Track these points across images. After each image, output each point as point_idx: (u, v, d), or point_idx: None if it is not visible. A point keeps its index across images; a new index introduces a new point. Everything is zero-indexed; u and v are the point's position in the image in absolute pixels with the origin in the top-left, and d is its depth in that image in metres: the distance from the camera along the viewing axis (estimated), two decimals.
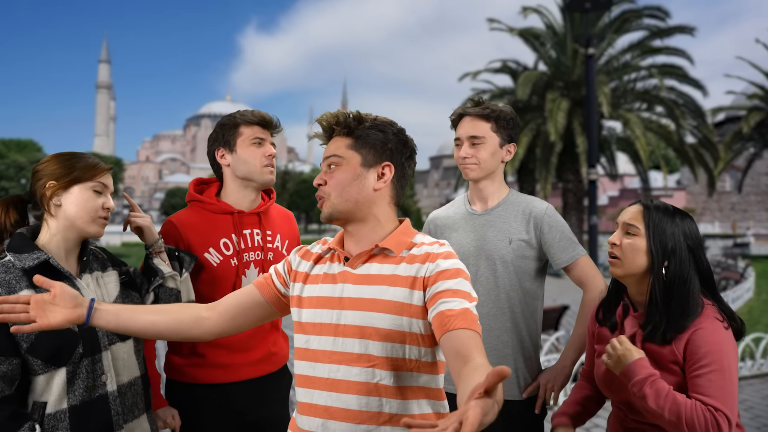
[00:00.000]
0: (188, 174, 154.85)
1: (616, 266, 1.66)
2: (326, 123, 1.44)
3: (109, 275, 1.73)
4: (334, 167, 1.41)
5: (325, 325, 1.38)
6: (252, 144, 2.05)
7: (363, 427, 1.32)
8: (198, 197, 2.09)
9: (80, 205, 1.62)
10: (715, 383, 1.47)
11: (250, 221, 2.09)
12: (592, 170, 7.40)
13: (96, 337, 1.59)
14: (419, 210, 63.73)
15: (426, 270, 1.35)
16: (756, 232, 40.59)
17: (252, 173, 2.06)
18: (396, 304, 1.34)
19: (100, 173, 1.66)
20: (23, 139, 74.01)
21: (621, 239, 1.65)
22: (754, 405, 5.27)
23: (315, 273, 1.47)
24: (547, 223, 2.06)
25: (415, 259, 1.38)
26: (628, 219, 1.65)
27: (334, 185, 1.40)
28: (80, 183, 1.63)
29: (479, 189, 2.17)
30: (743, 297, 11.62)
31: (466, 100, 2.38)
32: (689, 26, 20.99)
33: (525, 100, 20.32)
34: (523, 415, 2.04)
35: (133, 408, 1.67)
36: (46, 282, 1.34)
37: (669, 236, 1.58)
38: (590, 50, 7.38)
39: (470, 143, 2.09)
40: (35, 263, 1.54)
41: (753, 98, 26.01)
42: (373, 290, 1.36)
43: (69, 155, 1.67)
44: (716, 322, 1.55)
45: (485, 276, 2.07)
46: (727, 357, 1.50)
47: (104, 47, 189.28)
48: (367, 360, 1.33)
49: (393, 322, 1.33)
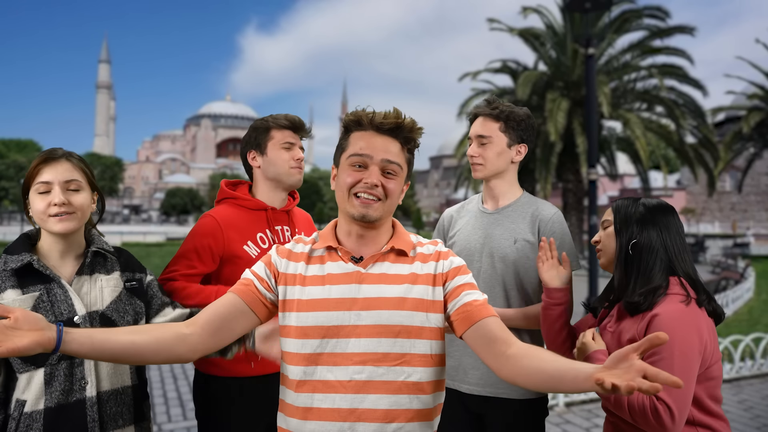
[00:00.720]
0: (188, 174, 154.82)
1: (600, 256, 1.80)
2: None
3: (111, 279, 1.71)
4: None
5: (342, 327, 1.35)
6: (282, 148, 2.16)
7: (393, 425, 1.34)
8: (232, 194, 2.19)
9: (35, 212, 1.63)
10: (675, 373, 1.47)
11: (281, 218, 2.21)
12: (592, 170, 7.39)
13: None
14: (419, 210, 63.76)
15: (442, 267, 1.45)
16: (756, 232, 40.61)
17: (280, 175, 2.17)
18: (421, 301, 1.39)
19: (37, 174, 1.63)
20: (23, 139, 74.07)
21: (600, 236, 1.81)
22: (754, 405, 5.27)
23: (313, 274, 1.42)
24: (550, 229, 2.09)
25: (428, 258, 1.46)
26: (603, 217, 1.82)
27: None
28: (30, 191, 1.64)
29: (490, 188, 2.20)
30: (743, 297, 11.61)
31: (483, 100, 2.40)
32: (689, 26, 21.00)
33: (525, 100, 20.30)
34: (525, 413, 2.05)
35: (116, 417, 1.63)
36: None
37: (631, 215, 1.70)
38: (590, 50, 7.38)
39: (478, 142, 2.14)
40: (19, 265, 1.57)
41: (753, 98, 26.01)
42: (397, 289, 1.39)
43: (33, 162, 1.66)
44: (677, 305, 1.56)
45: (487, 273, 2.10)
46: (681, 344, 1.50)
47: (104, 47, 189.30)
48: (395, 358, 1.35)
49: (418, 318, 1.38)
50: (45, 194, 1.61)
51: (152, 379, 6.05)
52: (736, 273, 14.30)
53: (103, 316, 1.64)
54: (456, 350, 2.12)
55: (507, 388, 2.04)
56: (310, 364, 1.36)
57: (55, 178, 1.61)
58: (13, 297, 1.53)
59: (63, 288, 1.60)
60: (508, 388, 2.04)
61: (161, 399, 5.35)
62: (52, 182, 1.61)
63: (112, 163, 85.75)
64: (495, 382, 2.05)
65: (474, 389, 2.06)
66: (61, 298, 1.59)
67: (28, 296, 1.54)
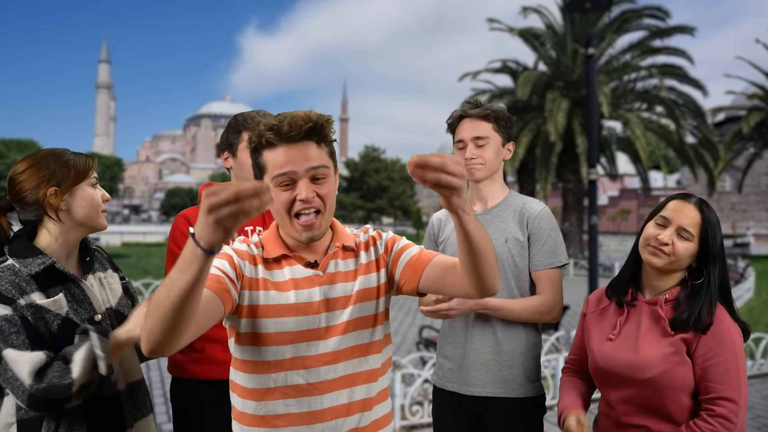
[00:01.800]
0: (188, 174, 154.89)
1: (661, 259, 1.66)
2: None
3: (112, 276, 1.74)
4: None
5: (312, 331, 1.35)
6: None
7: (369, 413, 1.42)
8: None
9: (87, 204, 1.61)
10: (731, 372, 1.54)
11: (253, 219, 2.11)
12: (592, 170, 7.39)
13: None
14: (419, 210, 63.80)
15: (379, 248, 1.49)
16: (756, 232, 40.61)
17: (248, 179, 2.10)
18: (374, 289, 1.45)
19: (92, 167, 1.65)
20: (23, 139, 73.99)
21: (673, 240, 1.65)
22: (754, 405, 5.28)
23: (277, 279, 1.37)
24: (537, 225, 2.09)
25: (367, 246, 1.49)
26: (687, 225, 1.64)
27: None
28: (81, 182, 1.61)
29: (479, 189, 2.18)
30: (743, 297, 11.62)
31: (463, 102, 2.40)
32: (689, 26, 21.04)
33: (525, 100, 20.33)
34: (523, 412, 2.05)
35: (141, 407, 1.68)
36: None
37: (718, 249, 1.65)
38: (590, 50, 7.37)
39: (475, 144, 2.11)
40: (41, 268, 1.52)
41: (753, 98, 26.04)
42: (355, 284, 1.42)
43: (52, 157, 1.60)
44: (732, 321, 1.62)
45: None
46: (739, 349, 1.58)
47: (104, 47, 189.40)
48: (363, 350, 1.41)
49: (375, 306, 1.44)
50: (95, 189, 1.64)
51: (152, 379, 6.05)
52: (736, 273, 14.31)
53: (117, 312, 1.67)
54: (455, 353, 2.12)
55: (506, 388, 2.04)
56: (279, 371, 1.34)
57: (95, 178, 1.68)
58: (42, 300, 1.49)
59: (81, 287, 1.59)
60: (508, 387, 2.05)
61: (161, 399, 5.35)
62: (98, 181, 1.68)
63: (112, 163, 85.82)
64: (494, 382, 2.05)
65: (474, 390, 2.06)
66: (81, 297, 1.58)
67: (59, 298, 1.52)
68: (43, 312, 1.48)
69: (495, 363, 2.05)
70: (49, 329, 1.48)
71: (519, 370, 2.06)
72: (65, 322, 1.50)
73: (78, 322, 1.52)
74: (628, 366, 1.64)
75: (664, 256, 1.65)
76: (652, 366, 1.60)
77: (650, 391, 1.61)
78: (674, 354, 1.59)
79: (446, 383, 2.14)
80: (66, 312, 1.52)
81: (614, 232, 57.19)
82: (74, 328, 1.51)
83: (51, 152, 1.62)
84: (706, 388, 1.56)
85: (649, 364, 1.60)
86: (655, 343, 1.63)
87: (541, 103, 20.22)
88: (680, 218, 1.64)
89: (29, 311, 1.46)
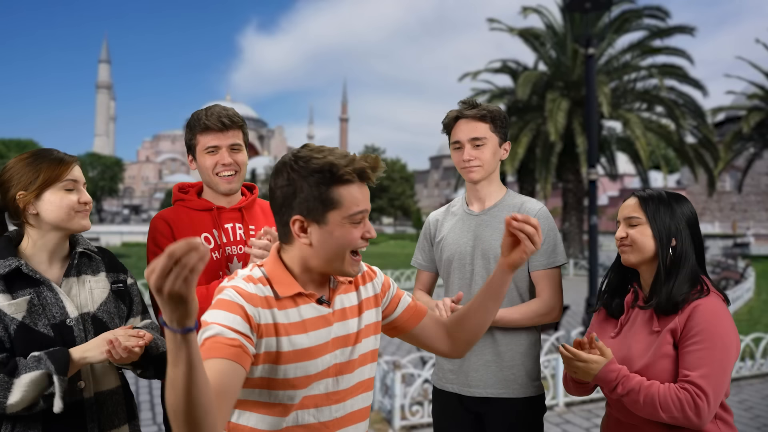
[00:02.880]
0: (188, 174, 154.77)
1: (628, 253, 1.73)
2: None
3: (98, 280, 1.70)
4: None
5: (326, 370, 1.34)
6: (206, 153, 2.02)
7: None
8: (181, 196, 2.12)
9: (56, 209, 1.60)
10: (704, 360, 1.52)
11: (231, 216, 2.10)
12: (592, 170, 7.39)
13: (74, 343, 1.57)
14: (419, 210, 63.83)
15: (375, 288, 1.49)
16: (756, 232, 40.60)
17: (209, 184, 2.08)
18: (374, 325, 1.46)
19: (66, 170, 1.61)
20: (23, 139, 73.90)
21: (627, 231, 1.73)
22: (754, 405, 5.27)
23: (293, 321, 1.30)
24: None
25: (363, 280, 1.48)
26: (629, 212, 1.74)
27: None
28: (50, 187, 1.59)
29: (477, 190, 2.18)
30: (743, 297, 11.62)
31: (458, 103, 2.39)
32: (689, 26, 21.01)
33: (525, 100, 20.33)
34: (524, 412, 2.05)
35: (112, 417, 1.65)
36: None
37: (670, 218, 1.68)
38: (590, 50, 7.37)
39: (472, 145, 2.10)
40: (6, 270, 1.54)
41: (753, 98, 26.01)
42: (359, 320, 1.42)
43: (32, 158, 1.62)
44: (718, 301, 1.62)
45: (481, 275, 2.09)
46: (722, 337, 1.55)
47: (104, 47, 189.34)
48: (362, 387, 1.42)
49: (374, 342, 1.46)
50: (71, 192, 1.63)
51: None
52: (736, 273, 14.31)
53: (95, 317, 1.64)
54: None
55: (506, 388, 2.05)
56: (291, 411, 1.30)
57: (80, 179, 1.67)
58: (3, 302, 1.51)
59: (53, 290, 1.58)
60: (508, 388, 2.05)
61: (162, 399, 5.34)
62: (78, 182, 1.66)
63: (112, 163, 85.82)
64: (495, 383, 2.05)
65: (475, 391, 2.07)
66: (52, 300, 1.57)
67: (20, 300, 1.52)
68: (1, 315, 1.50)
69: (496, 363, 2.05)
70: (7, 332, 1.49)
71: (520, 370, 2.06)
72: (21, 327, 1.50)
73: (34, 328, 1.51)
74: (620, 360, 1.66)
75: (628, 250, 1.73)
76: (636, 358, 1.63)
77: None
78: (658, 346, 1.60)
79: (446, 384, 2.14)
80: (23, 317, 1.51)
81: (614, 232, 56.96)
82: (31, 333, 1.50)
83: (29, 155, 1.64)
84: (680, 374, 1.56)
85: (635, 357, 1.63)
86: (644, 337, 1.66)
87: (541, 103, 20.21)
88: (623, 211, 1.76)
89: None
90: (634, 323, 1.72)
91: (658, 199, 1.71)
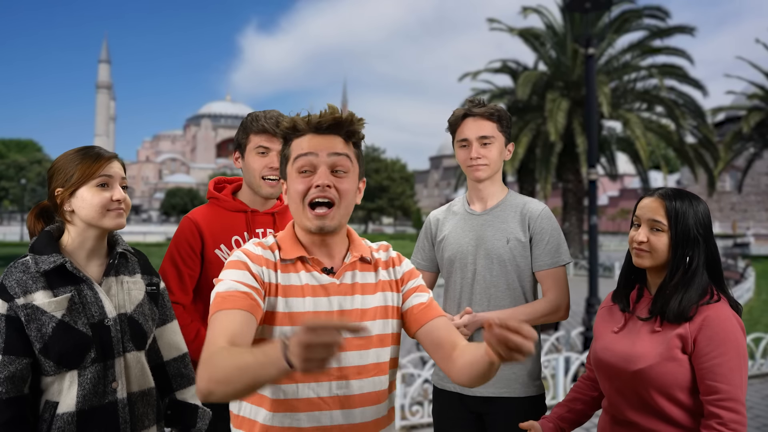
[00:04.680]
0: (188, 174, 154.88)
1: (644, 258, 1.68)
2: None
3: (135, 281, 1.69)
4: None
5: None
6: (256, 153, 2.05)
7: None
8: (215, 194, 2.13)
9: (88, 206, 1.58)
10: (735, 371, 1.53)
11: (263, 221, 2.12)
12: (592, 170, 7.38)
13: (110, 343, 1.56)
14: (419, 210, 63.84)
15: (398, 272, 1.48)
16: (756, 232, 40.63)
17: (253, 184, 2.10)
18: (390, 308, 1.42)
19: (100, 167, 1.59)
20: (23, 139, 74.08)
21: (648, 236, 1.66)
22: (754, 405, 5.28)
23: (293, 284, 1.33)
24: (539, 225, 2.09)
25: (386, 264, 1.47)
26: (653, 215, 1.66)
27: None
28: (84, 184, 1.58)
29: (479, 190, 2.17)
30: (743, 297, 11.62)
31: (465, 101, 2.40)
32: (689, 26, 21.04)
33: (525, 100, 20.33)
34: (524, 412, 2.05)
35: (143, 418, 1.64)
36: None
37: (690, 228, 1.63)
38: (590, 50, 7.37)
39: (480, 143, 2.10)
40: (51, 267, 1.52)
41: (753, 98, 26.04)
42: (373, 299, 1.39)
43: (74, 154, 1.61)
44: (728, 307, 1.60)
45: (482, 275, 2.09)
46: (737, 345, 1.55)
47: (104, 47, 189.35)
48: (374, 369, 1.36)
49: (389, 326, 1.41)
50: (104, 189, 1.59)
51: None
52: (736, 273, 14.31)
53: (131, 318, 1.63)
54: None
55: (507, 388, 2.05)
56: (290, 382, 1.29)
57: (116, 175, 1.61)
58: (45, 299, 1.50)
59: (93, 290, 1.57)
60: (509, 387, 2.05)
61: None
62: (113, 178, 1.61)
63: None
64: (495, 382, 2.05)
65: (476, 391, 2.06)
66: (92, 300, 1.56)
67: (62, 298, 1.52)
68: (39, 313, 1.49)
69: None
70: (44, 330, 1.49)
71: (521, 370, 2.07)
72: (60, 325, 1.50)
73: (74, 326, 1.51)
74: (622, 357, 1.65)
75: (645, 255, 1.67)
76: (641, 358, 1.61)
77: (639, 384, 1.61)
78: (666, 349, 1.58)
79: (447, 383, 2.14)
80: (62, 315, 1.51)
81: (614, 232, 57.16)
82: (70, 331, 1.50)
83: (75, 151, 1.63)
84: (708, 388, 1.54)
85: (640, 356, 1.61)
86: (651, 337, 1.63)
87: (541, 103, 20.22)
88: (647, 213, 1.67)
89: (24, 311, 1.48)
90: (637, 321, 1.71)
91: (683, 202, 1.64)
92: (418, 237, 2.35)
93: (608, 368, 1.70)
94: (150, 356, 1.72)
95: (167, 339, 1.76)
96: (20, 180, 56.37)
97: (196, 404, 1.75)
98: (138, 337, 1.63)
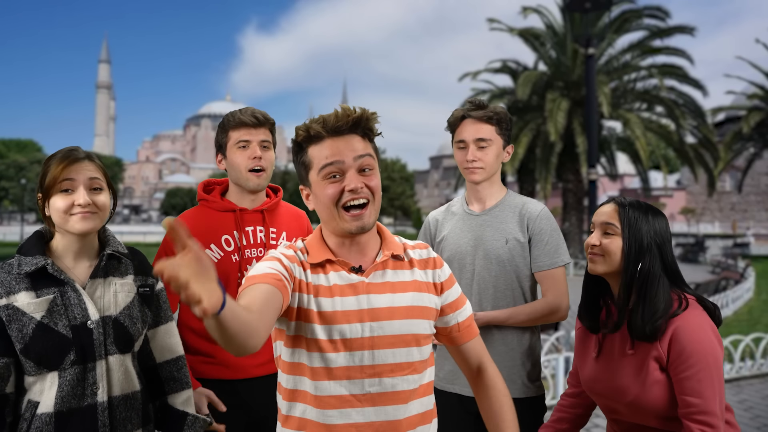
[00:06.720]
0: (188, 174, 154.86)
1: (597, 263, 1.65)
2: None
3: (124, 283, 1.67)
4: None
5: (356, 340, 1.32)
6: (237, 148, 2.07)
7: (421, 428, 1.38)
8: (204, 196, 2.15)
9: (54, 211, 1.58)
10: (704, 383, 1.48)
11: (253, 219, 2.12)
12: (592, 170, 7.39)
13: (91, 345, 1.55)
14: (419, 210, 63.79)
15: (437, 276, 1.47)
16: (756, 232, 40.62)
17: (239, 180, 2.10)
18: (426, 308, 1.41)
19: (62, 171, 1.57)
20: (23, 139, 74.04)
21: (600, 239, 1.65)
22: (754, 405, 5.27)
23: (323, 284, 1.35)
24: (538, 226, 2.09)
25: (424, 265, 1.46)
26: (606, 219, 1.64)
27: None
28: (52, 189, 1.57)
29: (477, 190, 2.18)
30: (743, 297, 11.62)
31: (465, 102, 2.39)
32: (689, 26, 21.04)
33: (525, 100, 20.33)
34: (524, 412, 2.04)
35: (126, 422, 1.61)
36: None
37: (644, 235, 1.60)
38: (590, 50, 7.37)
39: (477, 146, 2.10)
40: (33, 269, 1.53)
41: (753, 98, 26.03)
42: (406, 298, 1.38)
43: (48, 160, 1.60)
44: (699, 316, 1.54)
45: (482, 275, 2.09)
46: (712, 353, 1.50)
47: (104, 47, 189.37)
48: (408, 368, 1.36)
49: (423, 326, 1.39)
50: (67, 194, 1.57)
51: None
52: (736, 273, 14.31)
53: (116, 321, 1.61)
54: None
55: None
56: (322, 379, 1.32)
57: (79, 178, 1.57)
58: (26, 300, 1.51)
59: (77, 291, 1.57)
60: (509, 388, 2.04)
61: None
62: (76, 181, 1.57)
63: (112, 163, 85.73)
64: None
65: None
66: (75, 302, 1.56)
67: (42, 299, 1.52)
68: (20, 314, 1.50)
69: (496, 364, 2.05)
70: (24, 331, 1.50)
71: (520, 371, 2.06)
72: (39, 327, 1.50)
73: (54, 328, 1.51)
74: (611, 388, 1.64)
75: (599, 259, 1.64)
76: (627, 390, 1.58)
77: (634, 411, 1.60)
78: (645, 374, 1.56)
79: (446, 385, 2.14)
80: (41, 317, 1.51)
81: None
82: (50, 333, 1.50)
83: (50, 157, 1.63)
84: (682, 402, 1.51)
85: (625, 388, 1.59)
86: (630, 362, 1.60)
87: (541, 103, 20.21)
88: (601, 217, 1.66)
89: (6, 312, 1.50)
90: (612, 344, 1.66)
91: (638, 210, 1.62)
92: (418, 237, 2.35)
93: (602, 398, 1.69)
94: (142, 358, 1.71)
95: (160, 341, 1.75)
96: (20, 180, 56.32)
97: (186, 411, 1.73)
98: (122, 340, 1.61)
